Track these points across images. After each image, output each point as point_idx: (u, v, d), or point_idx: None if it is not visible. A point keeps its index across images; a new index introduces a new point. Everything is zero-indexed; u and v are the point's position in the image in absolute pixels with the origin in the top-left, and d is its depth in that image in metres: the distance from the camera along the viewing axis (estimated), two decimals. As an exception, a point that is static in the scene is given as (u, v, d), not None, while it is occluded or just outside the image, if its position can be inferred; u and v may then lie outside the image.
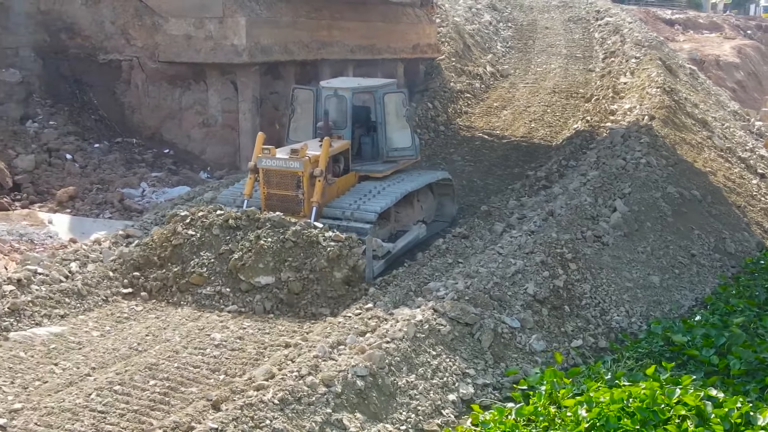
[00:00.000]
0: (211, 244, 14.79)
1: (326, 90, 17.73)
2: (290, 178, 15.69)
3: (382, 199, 16.24)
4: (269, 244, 14.32)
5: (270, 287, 14.12)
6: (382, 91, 17.72)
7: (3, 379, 11.27)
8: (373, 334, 12.40)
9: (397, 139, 17.87)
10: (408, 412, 11.27)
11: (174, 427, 9.84)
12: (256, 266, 14.22)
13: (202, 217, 15.16)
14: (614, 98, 27.19)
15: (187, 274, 14.40)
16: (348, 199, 16.23)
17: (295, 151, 15.71)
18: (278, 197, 15.79)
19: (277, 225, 14.73)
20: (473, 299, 13.63)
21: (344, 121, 17.35)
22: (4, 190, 18.03)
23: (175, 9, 22.17)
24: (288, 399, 10.41)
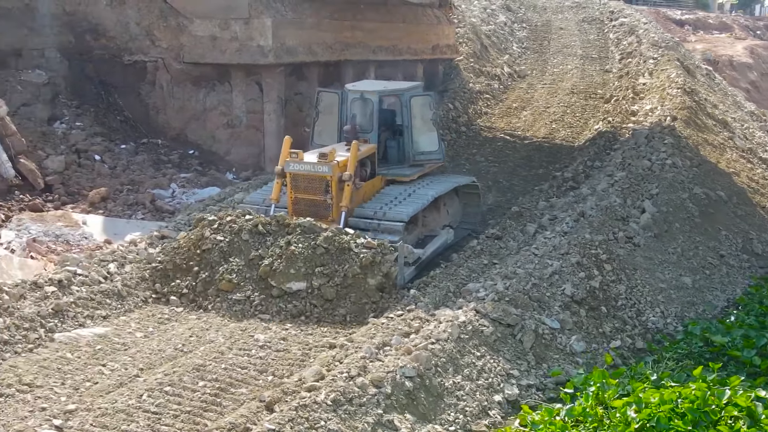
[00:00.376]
0: (241, 249, 14.58)
1: (352, 93, 17.57)
2: (318, 182, 15.55)
3: (411, 204, 16.07)
4: (300, 250, 14.13)
5: (302, 293, 13.96)
6: (408, 94, 17.53)
7: (53, 380, 11.30)
8: (417, 335, 12.45)
9: (424, 143, 17.67)
10: (456, 413, 11.31)
11: (230, 428, 9.89)
12: (287, 272, 14.02)
13: (230, 222, 14.96)
14: (634, 99, 27.21)
15: (216, 280, 14.23)
16: (376, 204, 16.10)
17: (323, 155, 15.55)
18: (306, 202, 15.66)
19: (308, 231, 14.54)
20: (513, 300, 13.69)
21: (370, 124, 17.18)
22: (36, 191, 18.05)
23: (200, 10, 22.19)
24: (340, 400, 10.46)
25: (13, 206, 17.08)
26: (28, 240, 15.22)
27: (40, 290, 13.41)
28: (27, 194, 17.82)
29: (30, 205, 17.09)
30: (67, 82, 22.22)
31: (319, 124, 18.05)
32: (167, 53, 22.58)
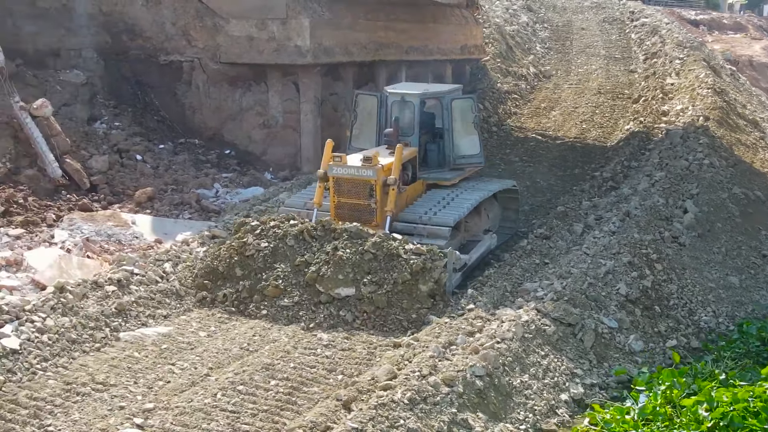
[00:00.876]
0: (286, 255, 14.37)
1: (393, 96, 17.31)
2: (362, 186, 15.31)
3: (456, 209, 15.80)
4: (348, 256, 13.91)
5: (350, 299, 13.76)
6: (449, 96, 17.28)
7: (125, 378, 11.35)
8: (481, 334, 12.50)
9: (465, 146, 17.40)
10: (525, 412, 11.37)
11: (312, 426, 9.95)
12: (335, 278, 13.82)
13: (274, 227, 14.74)
14: (664, 99, 27.25)
15: (261, 287, 14.05)
16: (419, 209, 15.81)
17: (368, 159, 15.30)
18: (349, 206, 15.42)
19: (355, 236, 14.32)
20: (572, 300, 13.75)
21: (411, 127, 16.90)
22: (82, 191, 18.09)
23: (236, 10, 22.20)
24: (416, 399, 10.53)
25: (62, 206, 17.12)
26: (84, 240, 15.25)
27: (101, 289, 13.47)
28: (73, 194, 17.86)
29: (80, 204, 17.13)
30: (104, 82, 22.25)
31: (357, 126, 17.78)
32: (203, 53, 22.60)
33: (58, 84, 20.89)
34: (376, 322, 13.54)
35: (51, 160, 17.80)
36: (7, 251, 14.59)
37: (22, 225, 15.76)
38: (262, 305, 13.85)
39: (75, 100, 20.97)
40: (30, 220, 16.01)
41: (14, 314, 12.07)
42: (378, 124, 17.44)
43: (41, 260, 14.40)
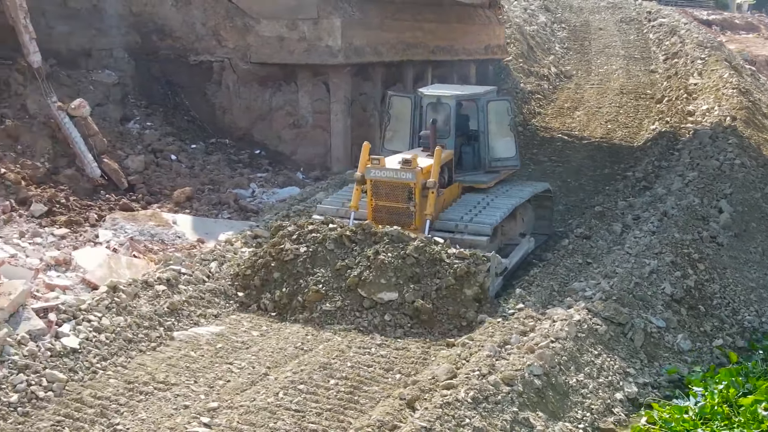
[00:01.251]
0: (325, 259, 14.17)
1: (428, 98, 17.14)
2: (401, 189, 15.12)
3: (494, 212, 15.63)
4: (389, 260, 13.73)
5: (393, 303, 13.55)
6: (485, 98, 17.11)
7: (184, 378, 11.39)
8: (534, 333, 12.53)
9: (500, 149, 17.22)
10: (583, 411, 11.41)
11: (379, 425, 9.98)
12: (377, 282, 13.63)
13: (312, 231, 14.54)
14: (688, 99, 27.30)
15: (302, 291, 13.85)
16: (457, 212, 15.66)
17: (407, 162, 15.09)
18: (387, 209, 15.24)
19: (396, 240, 14.14)
20: (620, 299, 13.82)
21: (447, 130, 16.73)
22: (120, 191, 18.13)
23: (267, 10, 22.23)
24: (479, 398, 10.57)
25: (102, 206, 17.15)
26: (130, 239, 15.28)
27: (152, 289, 13.50)
28: (112, 194, 17.89)
29: (121, 204, 17.16)
30: (134, 82, 22.28)
31: (390, 128, 17.63)
32: (234, 53, 22.63)
33: (90, 84, 20.92)
34: (421, 327, 13.35)
35: (90, 160, 17.83)
36: (54, 251, 14.61)
37: (65, 225, 15.79)
38: (303, 311, 13.66)
39: (107, 100, 21.00)
40: (73, 219, 16.04)
41: (71, 314, 12.10)
42: (412, 126, 17.29)
43: (89, 260, 14.43)
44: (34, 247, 14.59)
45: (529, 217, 17.55)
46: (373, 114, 23.62)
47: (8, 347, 10.93)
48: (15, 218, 15.68)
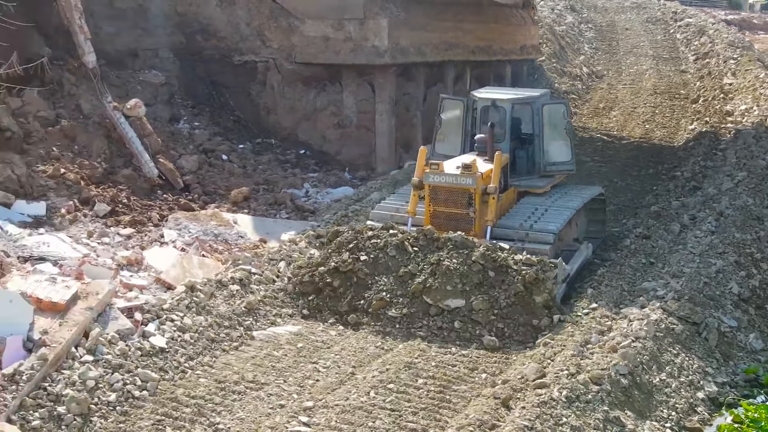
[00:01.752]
0: (387, 266, 13.85)
1: (482, 101, 16.76)
2: (461, 195, 14.79)
3: (555, 218, 15.29)
4: (455, 266, 13.41)
5: (460, 311, 13.21)
6: (540, 101, 16.85)
7: (272, 377, 11.44)
8: (613, 333, 12.57)
9: (555, 152, 16.84)
10: (668, 410, 11.45)
11: (479, 424, 10.01)
12: (443, 289, 13.31)
13: (372, 238, 14.22)
14: (725, 99, 27.32)
15: (365, 298, 13.57)
16: (516, 218, 15.33)
17: (467, 167, 14.73)
18: (446, 215, 14.88)
19: (460, 245, 13.80)
20: (691, 299, 13.83)
21: (502, 133, 16.30)
22: (176, 191, 18.18)
23: (312, 11, 22.28)
24: (572, 397, 10.60)
25: (161, 205, 17.20)
26: (198, 239, 15.32)
27: (226, 288, 13.53)
28: (168, 193, 17.93)
29: (182, 204, 17.20)
30: (180, 82, 22.34)
31: (442, 132, 17.30)
32: (278, 53, 22.68)
33: (138, 84, 20.99)
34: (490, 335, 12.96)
35: (147, 159, 17.89)
36: (123, 251, 14.67)
37: (130, 224, 15.84)
38: (369, 319, 13.35)
39: (155, 100, 21.06)
40: (137, 219, 16.10)
41: (154, 313, 12.15)
42: (463, 130, 17.02)
43: (159, 259, 14.48)
44: (103, 247, 14.66)
45: (582, 222, 17.20)
46: (416, 114, 23.68)
47: (101, 346, 10.97)
48: (80, 218, 15.75)
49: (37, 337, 10.60)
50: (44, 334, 10.70)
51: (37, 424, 9.59)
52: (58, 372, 10.36)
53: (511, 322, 13.15)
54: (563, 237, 15.80)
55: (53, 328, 10.92)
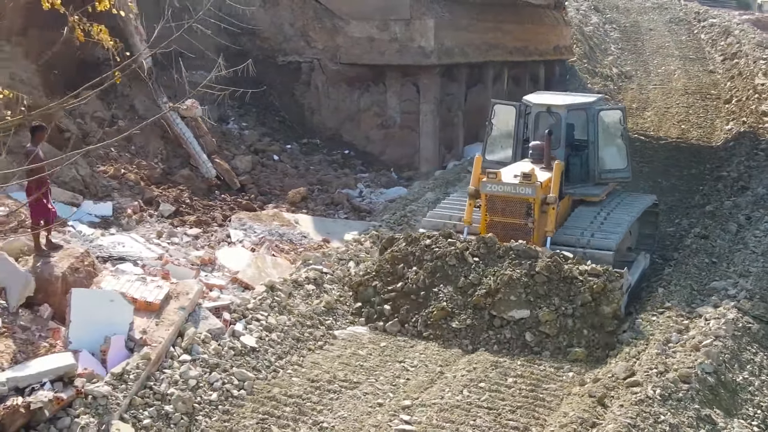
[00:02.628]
0: (447, 275, 13.58)
1: (537, 107, 16.37)
2: (519, 205, 14.41)
3: (615, 227, 14.92)
4: (518, 276, 13.15)
5: (526, 321, 12.93)
6: (596, 107, 16.37)
7: (363, 376, 11.52)
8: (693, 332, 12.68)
9: (610, 160, 16.36)
10: (753, 408, 11.55)
11: (581, 422, 10.11)
12: (507, 299, 13.04)
13: (432, 246, 13.93)
14: (759, 99, 27.42)
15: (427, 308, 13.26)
16: (575, 229, 14.92)
17: (526, 176, 14.34)
18: (503, 225, 14.46)
19: (523, 255, 13.56)
20: (763, 298, 13.95)
21: (557, 140, 15.81)
22: (233, 191, 18.25)
23: (356, 11, 22.35)
24: (665, 395, 10.70)
25: (222, 206, 17.27)
26: (266, 239, 15.40)
27: (302, 288, 13.65)
28: (226, 194, 17.99)
29: (243, 205, 17.28)
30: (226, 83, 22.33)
31: (492, 137, 16.89)
32: (322, 54, 22.74)
33: (187, 85, 20.96)
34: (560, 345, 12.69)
35: (205, 160, 17.97)
36: (193, 251, 14.75)
37: (196, 224, 15.91)
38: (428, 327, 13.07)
39: (204, 101, 21.06)
40: (202, 219, 16.19)
41: (240, 313, 12.26)
42: (515, 136, 16.64)
43: (231, 259, 14.58)
44: (174, 247, 14.72)
45: (635, 231, 16.63)
46: (458, 114, 23.75)
47: (196, 346, 11.06)
48: (146, 218, 15.82)
49: (137, 336, 10.69)
50: (144, 333, 10.80)
51: (148, 423, 9.69)
52: (160, 371, 10.46)
53: (579, 334, 12.81)
54: (620, 247, 15.19)
55: (151, 327, 11.02)
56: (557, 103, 16.51)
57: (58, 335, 10.63)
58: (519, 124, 16.61)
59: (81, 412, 9.24)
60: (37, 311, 10.98)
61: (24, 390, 9.15)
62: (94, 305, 10.53)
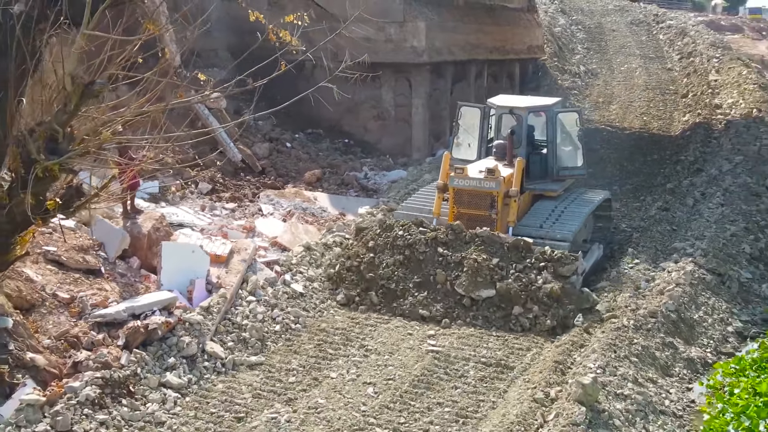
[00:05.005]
0: (419, 261, 14.69)
1: (500, 108, 17.60)
2: (484, 197, 15.61)
3: (572, 219, 16.11)
4: (484, 260, 14.29)
5: (492, 299, 14.06)
6: (555, 109, 17.54)
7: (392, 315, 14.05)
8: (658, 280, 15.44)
9: (567, 158, 17.56)
10: (707, 339, 14.27)
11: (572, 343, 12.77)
12: (474, 281, 14.16)
13: (403, 236, 14.96)
14: (712, 94, 30.36)
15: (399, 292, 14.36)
16: (534, 220, 16.05)
17: (490, 171, 15.53)
18: (469, 216, 15.59)
19: (488, 240, 14.72)
20: (715, 255, 16.74)
21: (519, 140, 17.00)
22: (255, 173, 20.69)
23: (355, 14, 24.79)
24: (638, 326, 13.41)
25: (249, 185, 19.71)
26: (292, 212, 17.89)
27: (331, 250, 16.14)
28: (249, 176, 20.42)
29: (269, 184, 19.74)
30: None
31: (459, 137, 18.00)
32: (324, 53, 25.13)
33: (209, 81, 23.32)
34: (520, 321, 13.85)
35: (231, 146, 20.38)
36: (233, 221, 17.20)
37: (231, 200, 18.35)
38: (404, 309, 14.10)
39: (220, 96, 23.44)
40: (236, 196, 18.61)
41: (287, 267, 14.76)
42: (480, 136, 17.73)
43: (267, 227, 17.05)
44: (217, 218, 17.16)
45: (590, 224, 17.58)
46: (445, 107, 26.33)
47: (258, 290, 13.55)
48: (188, 195, 18.22)
49: (214, 280, 13.17)
50: (218, 278, 13.28)
51: (231, 345, 12.20)
52: (234, 308, 12.95)
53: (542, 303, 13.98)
54: (576, 238, 16.20)
55: (222, 275, 13.50)
56: (519, 105, 17.80)
57: (149, 280, 13.08)
58: (483, 125, 17.79)
59: (183, 334, 11.72)
60: (128, 262, 13.42)
61: (139, 316, 11.59)
62: (179, 255, 12.99)
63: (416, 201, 17.08)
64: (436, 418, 10.73)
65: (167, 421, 10.27)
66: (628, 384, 11.75)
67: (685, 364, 13.30)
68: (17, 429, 9.33)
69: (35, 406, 9.53)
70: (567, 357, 12.42)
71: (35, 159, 7.70)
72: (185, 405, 10.72)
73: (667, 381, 12.62)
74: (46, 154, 7.76)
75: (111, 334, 11.28)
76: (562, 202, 16.83)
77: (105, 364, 10.55)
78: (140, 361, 10.94)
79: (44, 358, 10.48)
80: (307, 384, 11.46)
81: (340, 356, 12.36)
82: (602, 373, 11.58)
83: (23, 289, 11.25)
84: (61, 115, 7.87)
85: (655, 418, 11.37)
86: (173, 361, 11.28)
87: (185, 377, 11.19)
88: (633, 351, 12.68)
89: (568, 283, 14.18)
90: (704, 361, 13.55)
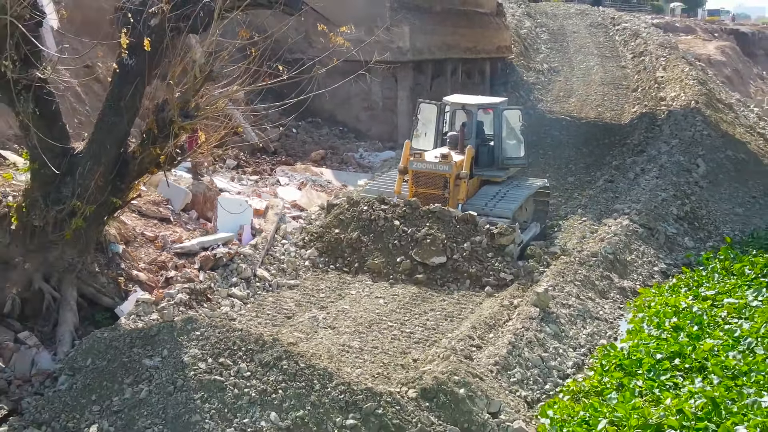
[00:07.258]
0: (380, 232, 17.01)
1: (454, 105, 20.05)
2: (438, 179, 17.86)
3: (512, 200, 18.29)
4: (436, 231, 16.60)
5: (445, 265, 16.35)
6: (502, 107, 19.77)
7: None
8: (599, 232, 19.55)
9: (511, 150, 19.75)
10: (636, 275, 18.37)
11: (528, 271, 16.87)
12: (429, 249, 16.45)
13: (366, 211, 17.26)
14: (658, 88, 34.67)
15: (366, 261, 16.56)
16: (480, 200, 18.16)
17: (444, 157, 17.85)
18: (425, 195, 17.75)
19: (441, 215, 17.01)
20: (647, 214, 20.90)
21: (470, 132, 19.29)
22: (268, 153, 24.59)
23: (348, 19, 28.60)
24: (582, 261, 17.47)
25: (266, 163, 23.62)
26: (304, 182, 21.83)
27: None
28: (264, 156, 24.33)
29: (283, 161, 23.66)
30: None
31: (418, 130, 20.31)
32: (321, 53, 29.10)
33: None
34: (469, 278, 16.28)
35: (249, 130, 24.24)
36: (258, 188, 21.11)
37: (254, 173, 22.25)
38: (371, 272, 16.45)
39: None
40: (257, 170, 22.51)
41: (307, 220, 18.71)
42: (437, 129, 20.07)
43: (286, 193, 20.96)
44: (245, 186, 21.08)
45: (530, 207, 19.97)
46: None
47: (289, 235, 17.50)
48: (218, 169, 22.10)
49: (257, 226, 17.10)
50: (259, 225, 17.20)
51: (274, 272, 16.12)
52: (272, 247, 16.87)
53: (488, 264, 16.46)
54: (516, 218, 18.29)
55: (261, 224, 17.42)
56: (470, 102, 20.08)
57: (206, 227, 16.97)
58: (439, 119, 20.11)
59: (239, 262, 15.63)
60: (189, 213, 17.31)
61: (206, 249, 15.48)
62: (230, 207, 16.88)
63: (380, 182, 19.62)
64: (429, 318, 14.69)
65: (237, 318, 14.18)
66: (572, 298, 15.78)
67: (618, 291, 17.34)
68: (137, 317, 13.19)
69: (148, 303, 13.37)
70: (528, 282, 16.47)
71: (173, 121, 11.61)
72: (247, 309, 14.63)
73: (603, 301, 16.71)
74: (181, 118, 11.68)
75: (188, 261, 15.17)
76: (505, 187, 19.08)
77: (189, 279, 14.46)
78: (212, 279, 14.85)
79: (144, 274, 14.37)
80: (334, 298, 15.38)
81: (356, 281, 16.31)
82: (552, 290, 15.63)
83: (122, 228, 15.12)
84: (191, 91, 11.77)
85: (591, 321, 15.45)
86: (235, 280, 15.19)
87: (245, 292, 15.11)
88: (577, 278, 16.68)
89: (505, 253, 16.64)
90: (634, 291, 17.64)
